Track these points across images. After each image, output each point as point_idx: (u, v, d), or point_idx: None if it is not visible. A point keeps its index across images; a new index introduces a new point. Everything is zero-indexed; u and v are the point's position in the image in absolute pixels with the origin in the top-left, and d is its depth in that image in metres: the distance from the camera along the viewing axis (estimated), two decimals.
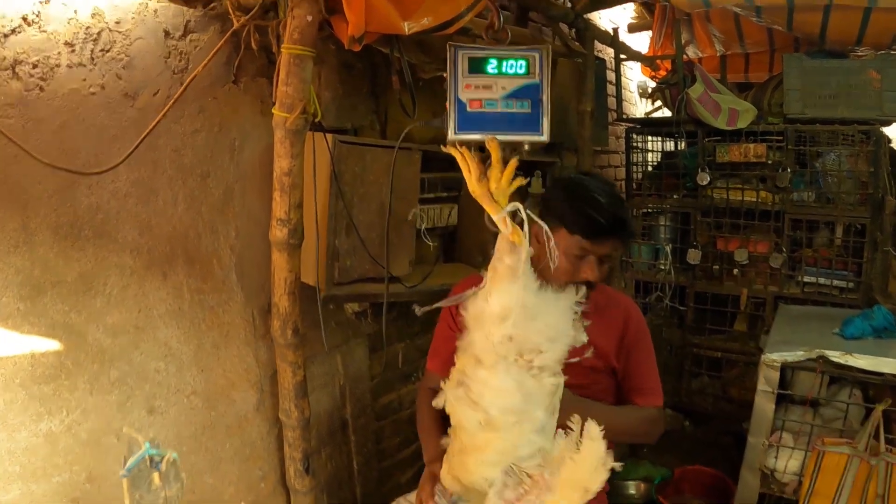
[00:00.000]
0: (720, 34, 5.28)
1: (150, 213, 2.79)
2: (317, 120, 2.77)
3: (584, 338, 1.90)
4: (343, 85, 3.36)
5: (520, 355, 1.87)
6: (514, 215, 1.86)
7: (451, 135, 1.86)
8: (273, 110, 2.73)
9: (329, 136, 2.93)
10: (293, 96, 2.69)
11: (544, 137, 1.94)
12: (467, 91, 1.86)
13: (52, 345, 2.45)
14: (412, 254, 3.36)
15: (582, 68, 4.64)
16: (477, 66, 1.87)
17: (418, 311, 1.90)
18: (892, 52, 4.64)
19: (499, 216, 1.87)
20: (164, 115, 2.72)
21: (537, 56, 1.91)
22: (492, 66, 1.89)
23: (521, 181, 1.89)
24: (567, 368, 1.99)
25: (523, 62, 1.90)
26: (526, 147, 1.92)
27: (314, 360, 3.41)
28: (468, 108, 1.87)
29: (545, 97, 1.90)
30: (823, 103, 4.53)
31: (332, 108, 3.31)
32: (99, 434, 2.59)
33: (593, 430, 1.78)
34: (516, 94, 1.90)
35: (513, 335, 1.88)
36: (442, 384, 1.98)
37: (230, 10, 2.98)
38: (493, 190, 1.89)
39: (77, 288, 2.53)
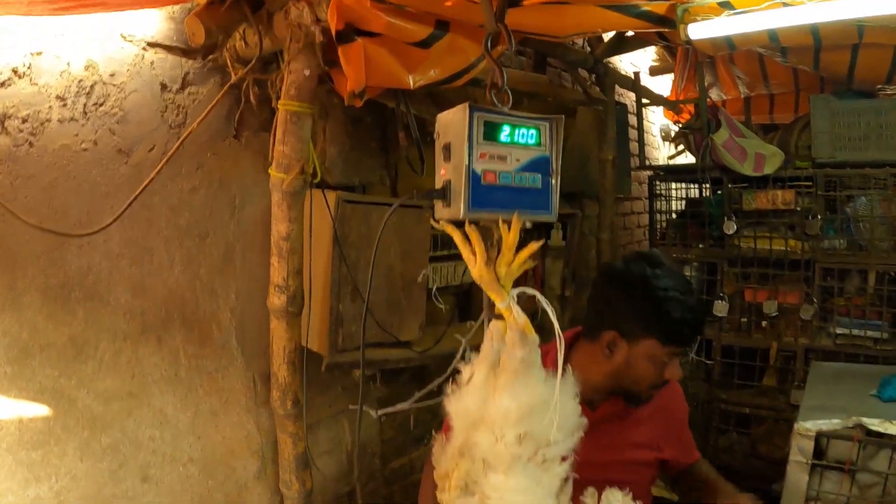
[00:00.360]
0: (744, 76, 5.00)
1: (145, 274, 2.63)
2: (315, 181, 2.50)
3: (584, 420, 1.66)
4: (350, 139, 3.10)
5: (534, 452, 1.63)
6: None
7: (462, 212, 1.58)
8: (269, 170, 2.47)
9: (332, 194, 2.67)
10: (290, 156, 2.43)
11: (553, 216, 1.66)
12: (482, 161, 1.59)
13: (41, 410, 2.34)
14: (422, 317, 3.08)
15: (603, 115, 4.35)
16: (492, 133, 1.61)
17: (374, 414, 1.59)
18: None
19: (504, 304, 1.64)
20: (158, 172, 2.57)
21: (548, 127, 1.64)
22: (505, 134, 1.62)
23: (530, 264, 1.60)
24: (612, 465, 1.91)
25: (534, 131, 1.63)
26: (528, 224, 1.63)
27: (320, 425, 3.19)
28: (483, 181, 1.58)
29: (555, 173, 1.61)
30: (853, 146, 4.26)
31: (338, 163, 3.05)
32: (89, 501, 2.46)
33: None
34: (529, 167, 1.63)
35: (528, 432, 1.63)
36: (438, 495, 1.69)
37: (228, 63, 2.72)
38: (501, 275, 1.64)
39: (67, 352, 2.40)
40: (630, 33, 4.02)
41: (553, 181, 1.66)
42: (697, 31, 2.93)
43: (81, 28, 2.39)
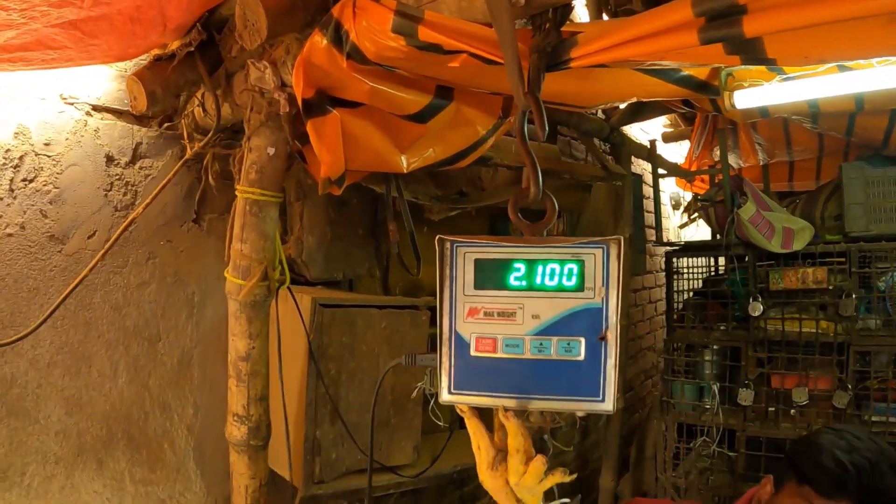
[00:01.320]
0: (765, 142, 4.41)
1: (82, 386, 2.12)
2: (283, 286, 1.81)
3: None
4: (333, 226, 2.43)
5: None
6: None
7: (443, 394, 0.89)
8: (225, 273, 1.78)
9: (306, 296, 1.99)
10: (250, 256, 1.76)
11: (607, 405, 0.95)
12: (472, 320, 0.91)
13: None
14: (417, 437, 2.39)
15: (620, 191, 3.66)
16: (491, 276, 0.91)
17: None
18: None
19: None
20: (98, 263, 2.02)
21: (599, 255, 0.94)
22: (516, 277, 0.91)
23: (560, 476, 1.06)
24: None
25: (574, 266, 0.94)
26: (580, 414, 0.94)
27: None
28: (472, 351, 0.89)
29: (612, 333, 0.91)
30: (890, 217, 3.69)
31: (317, 256, 2.38)
32: None
33: None
34: (559, 328, 0.95)
35: None
36: None
37: (185, 133, 2.05)
38: (513, 485, 1.08)
39: None
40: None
41: (608, 348, 0.97)
42: (745, 99, 2.41)
43: (11, 87, 1.94)
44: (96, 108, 2.13)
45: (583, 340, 0.98)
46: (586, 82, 1.87)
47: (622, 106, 3.81)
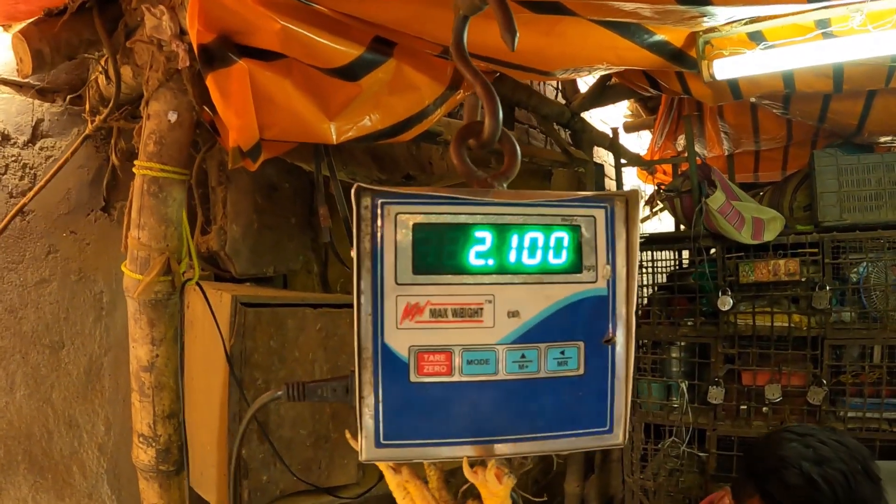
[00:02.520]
0: (732, 130, 4.11)
1: None
2: (192, 281, 1.42)
3: None
4: (260, 214, 2.04)
5: None
6: None
7: (366, 448, 0.51)
8: (122, 267, 1.39)
9: (223, 294, 1.59)
10: (149, 246, 1.35)
11: (617, 436, 0.57)
12: (410, 324, 0.53)
13: None
14: None
15: (582, 178, 3.31)
16: (439, 251, 0.53)
17: None
18: None
19: None
20: None
21: (601, 218, 0.57)
22: (480, 253, 0.53)
23: None
24: None
25: (564, 235, 0.56)
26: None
27: None
28: (413, 375, 0.51)
29: (624, 332, 0.54)
30: (864, 206, 3.42)
31: (242, 248, 1.99)
32: None
33: None
34: (548, 330, 0.56)
35: None
36: None
37: (87, 106, 1.66)
38: None
39: None
40: (615, 80, 3.05)
41: (618, 355, 0.61)
42: (725, 68, 2.13)
43: None
44: None
45: (581, 346, 0.62)
46: (550, 39, 1.54)
47: (582, 88, 3.49)
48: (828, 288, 3.36)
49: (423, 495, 0.69)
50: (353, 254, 0.58)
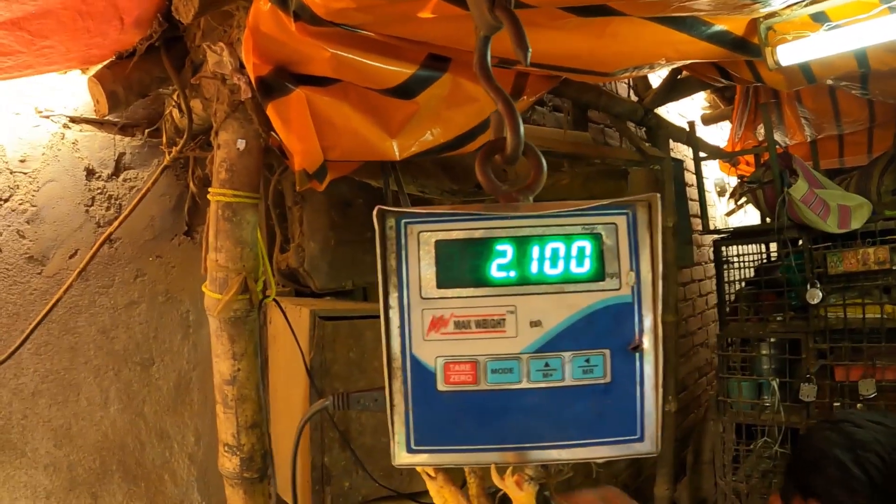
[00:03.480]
0: (812, 115, 3.95)
1: (70, 416, 1.88)
2: (268, 299, 1.49)
3: None
4: (336, 230, 2.12)
5: None
6: None
7: (400, 453, 0.54)
8: (202, 288, 1.47)
9: (302, 309, 1.66)
10: (226, 267, 1.42)
11: (648, 444, 0.58)
12: (436, 336, 0.56)
13: None
14: None
15: (659, 175, 3.25)
16: (462, 266, 0.56)
17: None
18: None
19: None
20: (72, 284, 1.77)
21: (623, 225, 0.58)
22: (502, 265, 0.56)
23: None
24: None
25: (586, 244, 0.58)
26: (598, 465, 0.58)
27: None
28: (440, 384, 0.54)
29: (651, 338, 0.55)
30: None
31: (321, 263, 2.07)
32: None
33: None
34: (572, 339, 0.58)
35: None
36: None
37: (164, 139, 1.75)
38: None
39: None
40: (685, 73, 2.98)
41: (646, 361, 0.62)
42: (790, 54, 2.04)
43: None
44: (74, 120, 1.89)
45: (607, 354, 0.64)
46: (602, 40, 1.54)
47: (654, 83, 3.43)
48: None
49: (459, 500, 0.72)
50: (379, 271, 0.61)
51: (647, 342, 0.64)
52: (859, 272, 3.38)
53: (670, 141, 3.62)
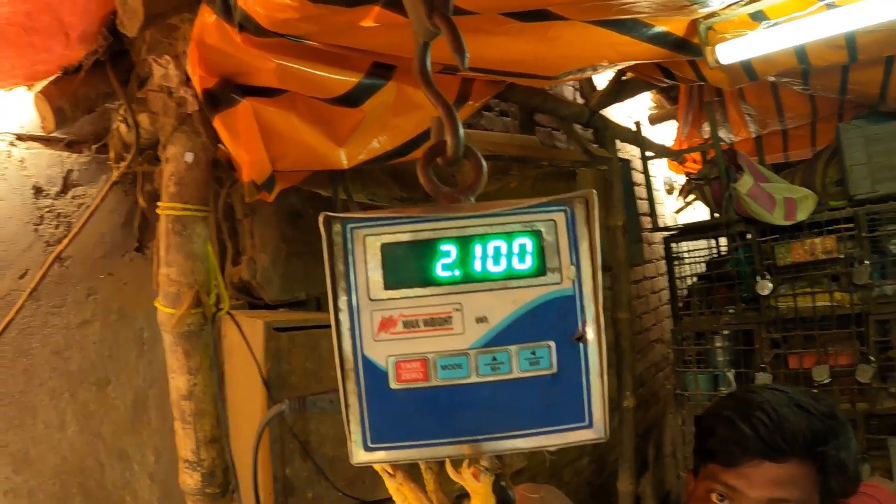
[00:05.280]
0: (756, 112, 4.06)
1: (27, 440, 1.84)
2: (222, 312, 1.49)
3: None
4: (288, 242, 2.11)
5: None
6: None
7: (357, 452, 0.55)
8: (155, 303, 1.46)
9: (255, 321, 1.66)
10: (178, 281, 1.42)
11: (598, 432, 0.61)
12: (386, 336, 0.58)
13: None
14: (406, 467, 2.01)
15: (608, 176, 3.31)
16: (408, 268, 0.58)
17: None
18: None
19: None
20: (22, 305, 1.76)
21: (562, 221, 0.60)
22: (446, 265, 0.58)
23: None
24: None
25: (527, 241, 0.60)
26: (550, 453, 0.60)
27: None
28: (392, 382, 0.56)
29: (594, 328, 0.57)
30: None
31: (273, 276, 2.06)
32: None
33: None
34: (518, 332, 0.61)
35: None
36: None
37: (112, 154, 1.75)
38: None
39: None
40: (630, 75, 3.04)
41: (590, 351, 0.64)
42: (729, 52, 2.10)
43: None
44: (21, 137, 1.85)
45: (552, 345, 0.66)
46: (545, 44, 1.57)
47: (600, 85, 3.49)
48: (867, 262, 3.35)
49: (419, 497, 0.74)
50: (328, 276, 0.63)
51: (590, 332, 0.66)
52: (808, 262, 3.48)
53: (617, 141, 3.69)
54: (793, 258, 3.46)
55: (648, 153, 3.93)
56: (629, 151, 4.68)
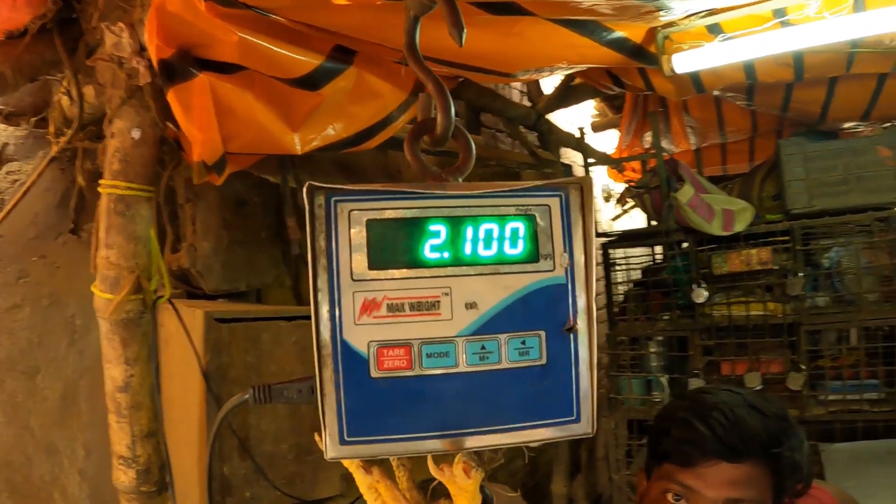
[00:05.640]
0: (698, 124, 4.14)
1: None
2: (163, 299, 1.42)
3: None
4: (230, 230, 2.02)
5: None
6: None
7: (331, 446, 0.50)
8: (91, 288, 1.38)
9: (195, 311, 1.58)
10: (118, 265, 1.33)
11: (585, 425, 0.58)
12: (368, 319, 0.53)
13: None
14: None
15: (551, 178, 3.30)
16: (395, 247, 0.53)
17: None
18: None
19: None
20: None
21: (556, 206, 0.57)
22: (435, 246, 0.53)
23: None
24: None
25: (520, 225, 0.56)
26: (530, 450, 0.56)
27: None
28: (373, 371, 0.51)
29: (584, 319, 0.54)
30: (831, 191, 3.44)
31: (214, 264, 1.97)
32: None
33: None
34: (507, 320, 0.57)
35: None
36: None
37: (52, 128, 1.65)
38: None
39: None
40: (579, 80, 3.05)
41: (580, 342, 0.61)
42: (685, 62, 2.13)
43: None
44: None
45: (543, 335, 0.62)
46: (509, 39, 1.54)
47: (547, 89, 3.50)
48: (801, 274, 3.42)
49: (394, 495, 0.69)
50: (309, 252, 0.57)
51: (581, 323, 0.63)
52: (743, 272, 3.54)
53: (560, 146, 3.71)
54: (729, 268, 3.53)
55: (590, 160, 3.96)
56: (569, 157, 4.71)
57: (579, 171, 4.26)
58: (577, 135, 3.88)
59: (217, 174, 1.38)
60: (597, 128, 5.03)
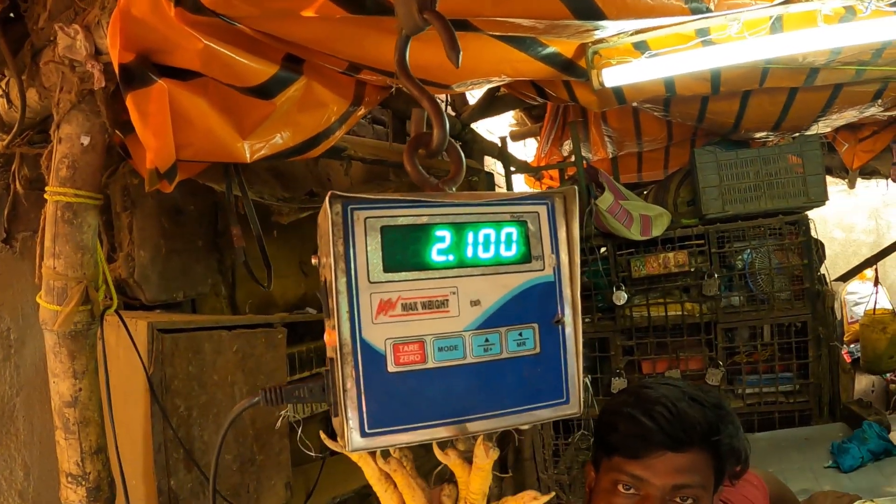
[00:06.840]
0: (616, 134, 4.29)
1: None
2: (111, 310, 1.42)
3: None
4: (168, 239, 2.02)
5: None
6: None
7: (354, 438, 0.56)
8: (37, 299, 1.37)
9: (139, 322, 1.58)
10: (66, 275, 1.33)
11: (573, 406, 0.69)
12: (385, 319, 0.58)
13: None
14: (288, 472, 2.01)
15: (476, 186, 3.43)
16: (406, 251, 0.59)
17: None
18: (804, 133, 3.84)
19: None
20: None
21: (544, 214, 0.64)
22: (441, 250, 0.60)
23: None
24: None
25: (513, 230, 0.63)
26: (524, 427, 0.64)
27: None
28: (391, 365, 0.57)
29: (571, 313, 0.62)
30: (744, 197, 3.77)
31: (151, 274, 1.96)
32: None
33: None
34: (507, 315, 0.64)
35: None
36: None
37: None
38: None
39: None
40: (504, 91, 3.15)
41: (567, 333, 0.68)
42: (613, 77, 2.22)
43: None
44: None
45: (536, 327, 0.69)
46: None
47: (471, 100, 3.59)
48: (716, 276, 3.72)
49: (409, 483, 0.74)
50: (327, 258, 0.62)
51: (567, 316, 0.70)
52: (661, 275, 3.79)
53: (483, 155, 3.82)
54: (647, 271, 3.74)
55: (511, 168, 4.09)
56: (490, 165, 4.83)
57: (499, 180, 4.38)
58: (499, 144, 4.01)
59: (168, 182, 1.39)
60: (516, 137, 5.16)
